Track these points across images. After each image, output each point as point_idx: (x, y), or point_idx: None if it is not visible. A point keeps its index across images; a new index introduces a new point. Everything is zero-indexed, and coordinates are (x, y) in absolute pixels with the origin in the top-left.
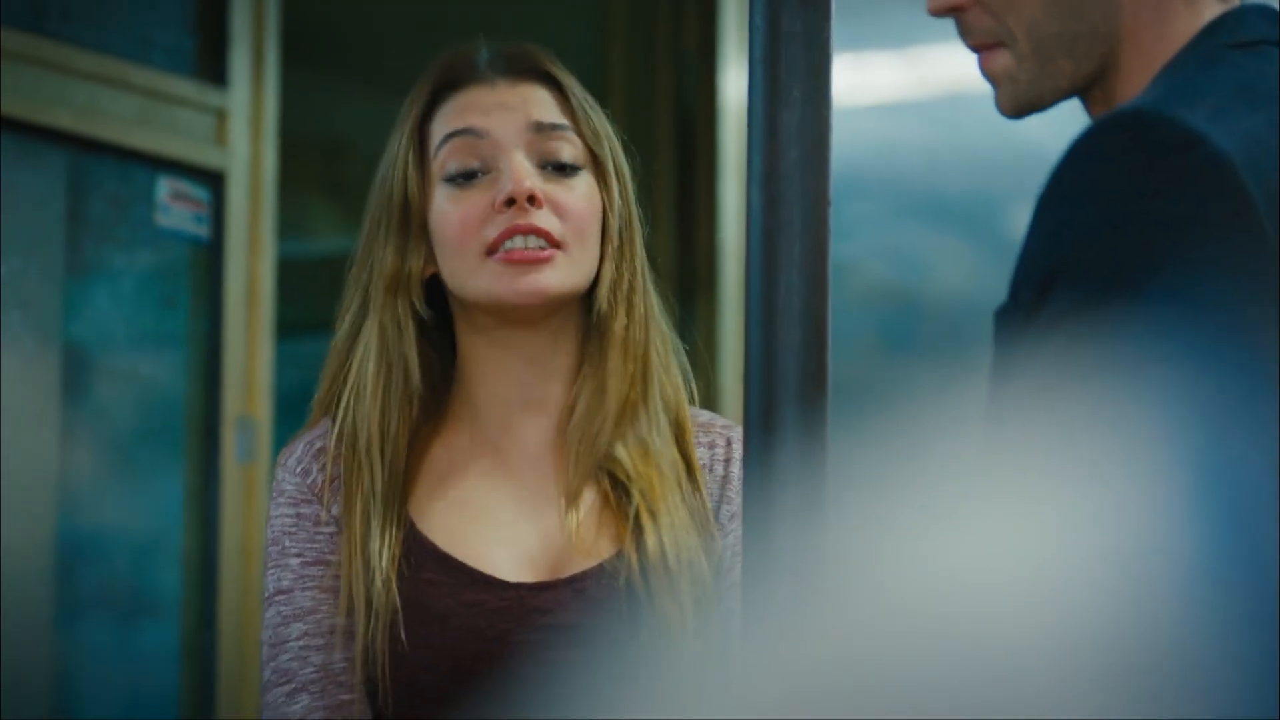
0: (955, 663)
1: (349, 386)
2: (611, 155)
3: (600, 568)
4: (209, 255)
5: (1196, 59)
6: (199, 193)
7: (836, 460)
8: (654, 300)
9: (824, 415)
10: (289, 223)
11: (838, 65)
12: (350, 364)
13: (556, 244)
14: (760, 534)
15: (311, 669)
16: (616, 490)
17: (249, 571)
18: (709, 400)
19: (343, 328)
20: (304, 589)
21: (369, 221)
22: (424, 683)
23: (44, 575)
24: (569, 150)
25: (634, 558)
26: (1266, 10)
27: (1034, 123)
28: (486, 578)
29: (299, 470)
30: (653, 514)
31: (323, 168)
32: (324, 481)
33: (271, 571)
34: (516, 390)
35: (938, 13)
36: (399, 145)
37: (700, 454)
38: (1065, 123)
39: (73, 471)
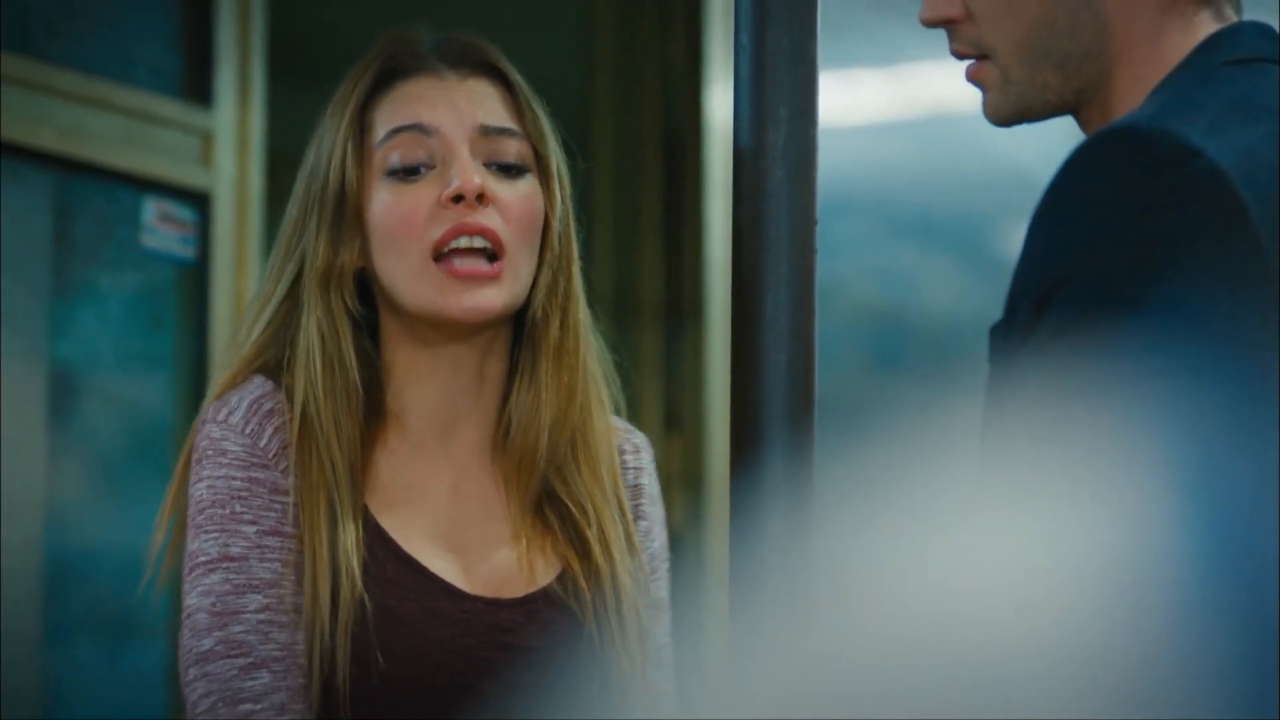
0: (947, 675)
1: (300, 380)
2: (555, 156)
3: (547, 591)
4: (195, 276)
5: (1192, 75)
6: (185, 214)
7: (824, 478)
8: (586, 310)
9: (811, 433)
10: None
11: (824, 84)
12: (296, 352)
13: (501, 248)
14: (747, 551)
15: (274, 646)
16: (560, 509)
17: None
18: (696, 418)
19: (265, 311)
20: (261, 560)
21: (297, 207)
22: (383, 686)
23: (32, 596)
24: (515, 151)
25: (583, 585)
26: (1264, 29)
27: (1022, 142)
28: (447, 586)
29: (247, 431)
30: (602, 539)
31: None
32: (279, 447)
33: (215, 535)
34: (445, 401)
35: (930, 24)
36: (337, 132)
37: (624, 459)
38: (1053, 142)
39: (60, 492)
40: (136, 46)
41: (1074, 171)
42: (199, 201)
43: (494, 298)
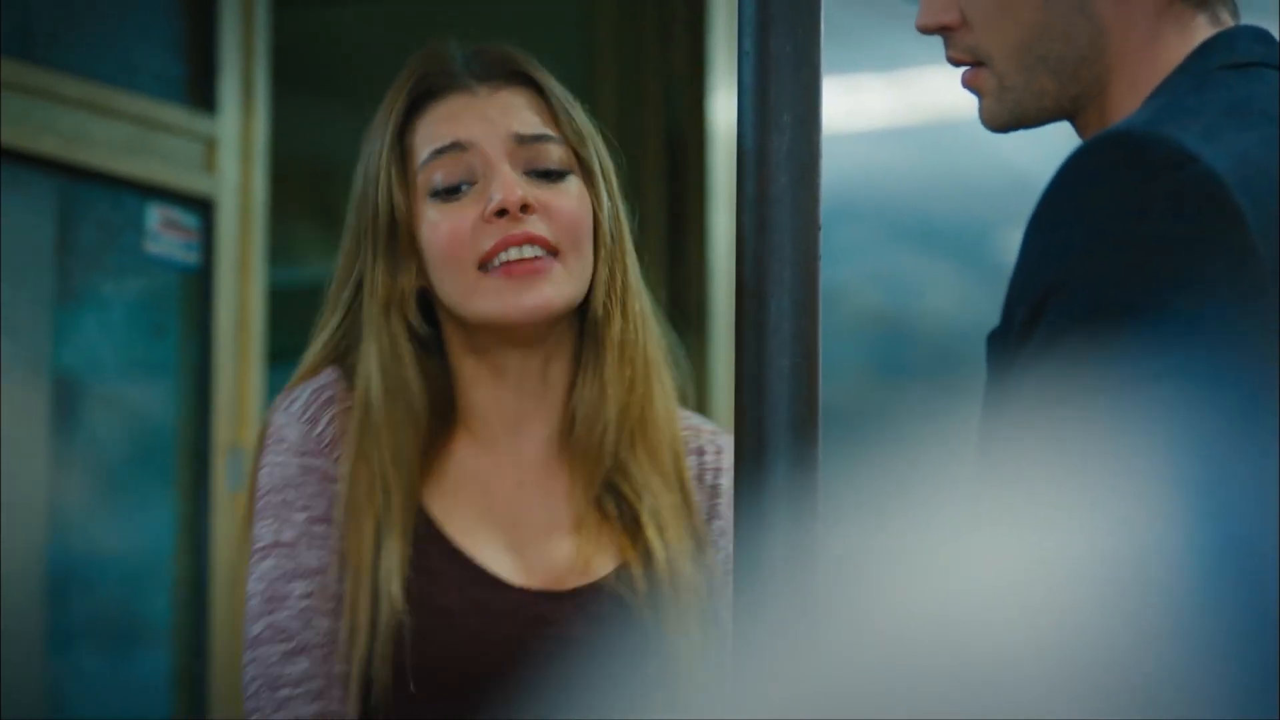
0: (951, 679)
1: (359, 402)
2: (596, 155)
3: (601, 584)
4: (199, 283)
5: (1188, 81)
6: (189, 220)
7: (828, 484)
8: (647, 299)
9: (815, 440)
10: (279, 250)
11: (827, 90)
12: (356, 374)
13: (553, 250)
14: (752, 558)
15: (315, 633)
16: (620, 502)
17: (241, 600)
18: None
19: (320, 344)
20: (309, 547)
21: (351, 238)
22: (421, 674)
23: (35, 604)
24: (554, 156)
25: (639, 575)
26: (1260, 33)
27: (1024, 148)
28: (491, 577)
29: (305, 418)
30: (660, 531)
31: (313, 194)
32: (334, 435)
33: (268, 522)
34: (512, 410)
35: (926, 31)
36: (379, 159)
37: (689, 461)
38: (1054, 148)
39: (63, 500)
40: (140, 53)
41: (1069, 177)
42: (202, 208)
43: (550, 293)
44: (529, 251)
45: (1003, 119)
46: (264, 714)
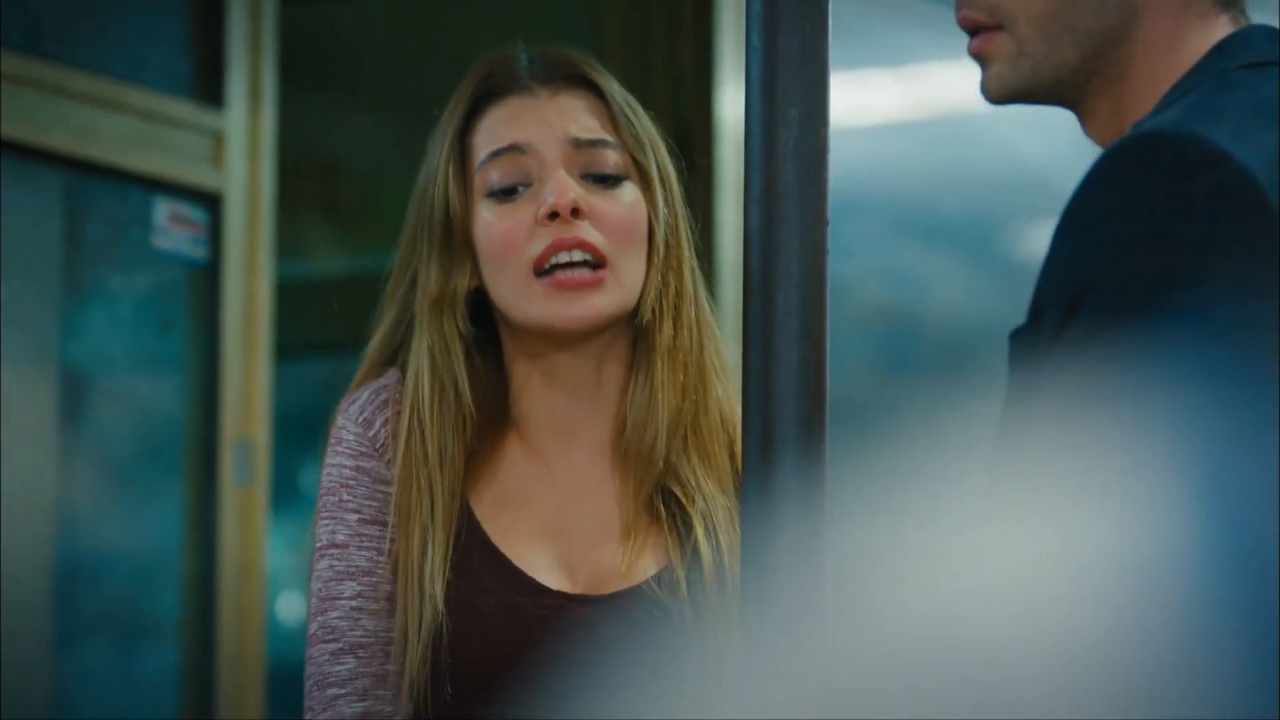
0: (959, 675)
1: (409, 403)
2: (656, 161)
3: (641, 588)
4: (206, 277)
5: (1210, 80)
6: (196, 215)
7: (835, 478)
8: (705, 306)
9: (822, 433)
10: (286, 244)
11: (835, 85)
12: (408, 369)
13: (602, 258)
14: (759, 552)
15: (361, 632)
16: (672, 503)
17: (248, 593)
18: None
19: (378, 337)
20: (360, 548)
21: (409, 235)
22: (456, 677)
23: (42, 598)
24: (611, 161)
25: (682, 581)
26: (1272, 32)
27: (1032, 142)
28: (531, 581)
29: (361, 420)
30: (711, 532)
31: (320, 189)
32: (387, 436)
33: (326, 523)
34: (564, 415)
35: None
36: (439, 159)
37: None
38: (1063, 143)
39: (71, 494)
40: (148, 48)
41: (1103, 176)
42: (210, 202)
43: (600, 304)
44: (578, 255)
45: (1011, 88)
46: (314, 713)
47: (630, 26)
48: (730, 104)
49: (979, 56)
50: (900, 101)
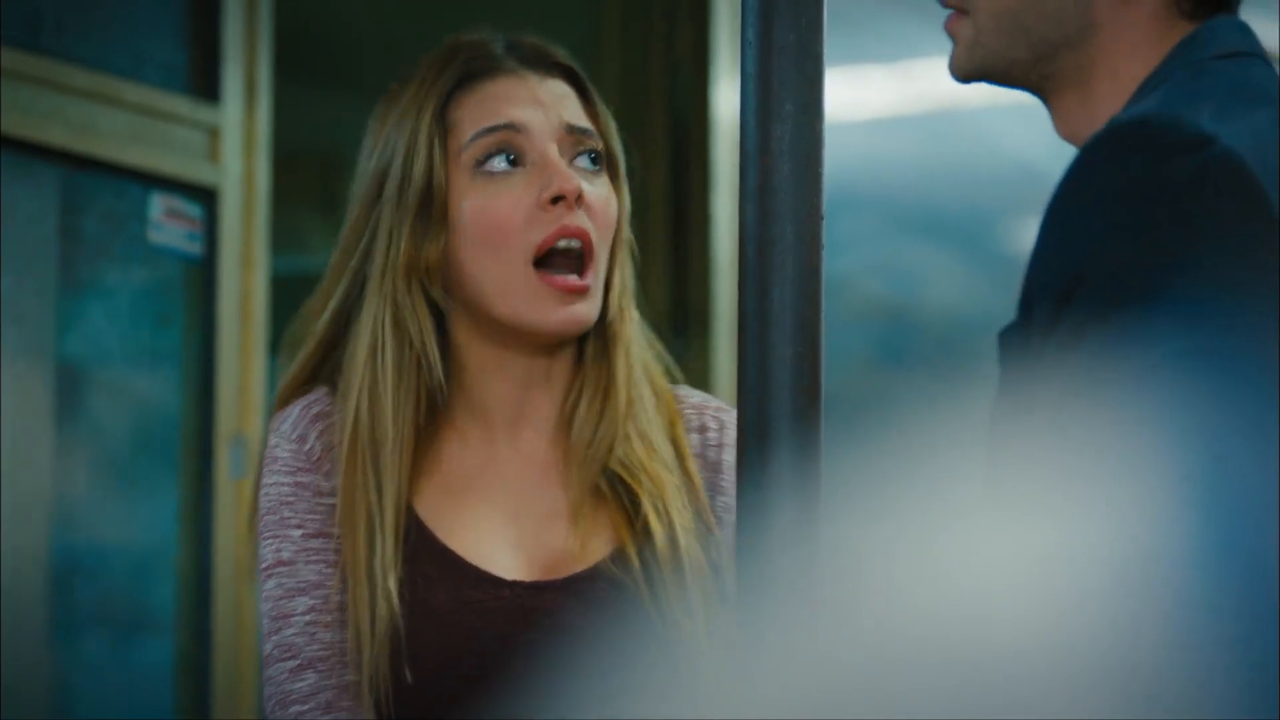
0: (954, 673)
1: (358, 381)
2: (622, 156)
3: (598, 568)
4: (202, 272)
5: (1184, 70)
6: (192, 209)
7: (830, 473)
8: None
9: (818, 429)
10: (282, 239)
11: (831, 79)
12: (354, 351)
13: (590, 250)
14: (755, 547)
15: (319, 646)
16: (617, 486)
17: (244, 587)
18: None
19: (326, 311)
20: (308, 562)
21: (362, 208)
22: (419, 679)
23: (39, 591)
24: (596, 149)
25: (635, 558)
26: (1239, 24)
27: (1029, 137)
28: (484, 574)
29: (294, 436)
30: (660, 513)
31: (316, 183)
32: (322, 450)
33: (269, 542)
34: (515, 402)
35: None
36: (416, 133)
37: (691, 439)
38: (1059, 141)
39: (67, 488)
40: (144, 43)
41: (1087, 166)
42: (206, 197)
43: (585, 311)
44: (575, 245)
45: (968, 72)
46: None
47: (627, 21)
48: (726, 98)
49: (949, 34)
50: (896, 96)
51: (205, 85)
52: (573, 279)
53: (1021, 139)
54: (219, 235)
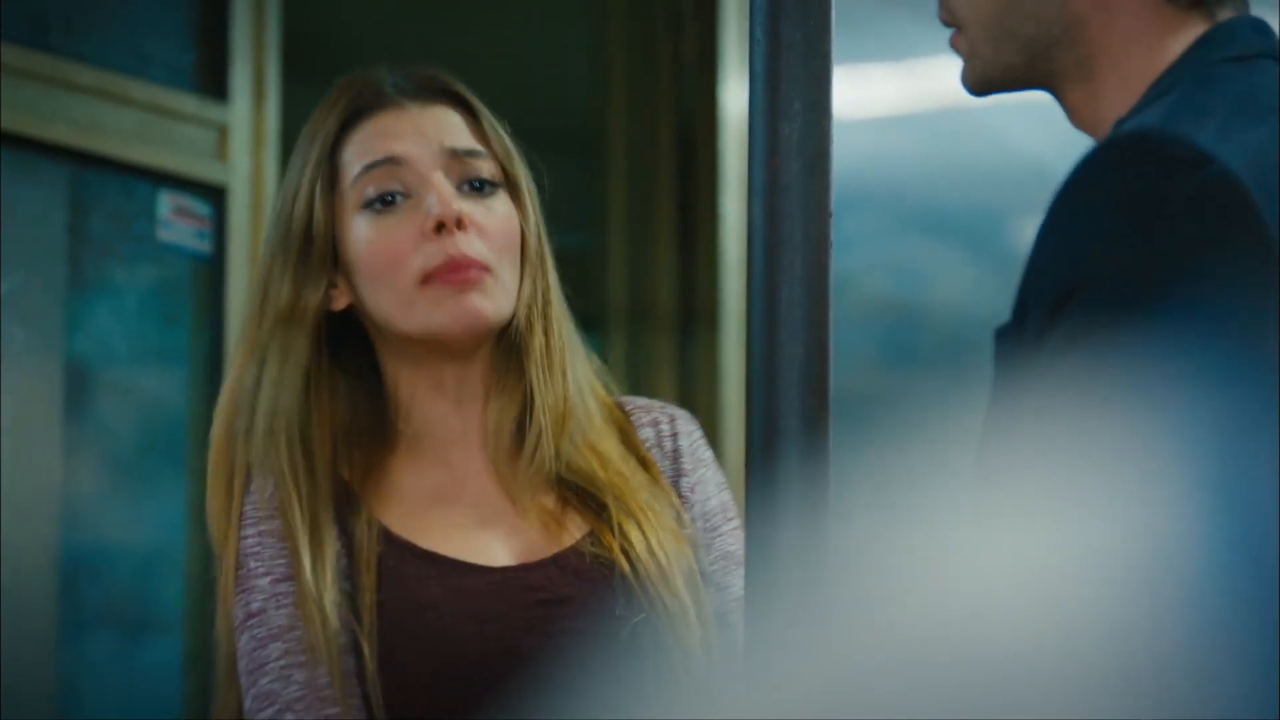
0: (964, 673)
1: (261, 425)
2: (523, 172)
3: (576, 546)
4: (211, 270)
5: (1193, 74)
6: (201, 208)
7: (839, 471)
8: (564, 306)
9: (826, 427)
10: None
11: (838, 78)
12: (260, 396)
13: (485, 269)
14: (763, 545)
15: (296, 687)
16: (578, 492)
17: None
18: (711, 411)
19: (251, 361)
20: (277, 608)
21: (265, 254)
22: (418, 673)
23: (46, 590)
24: (485, 170)
25: (612, 539)
26: (1258, 23)
27: (1036, 135)
28: (471, 565)
29: (254, 488)
30: (628, 514)
31: None
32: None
33: (240, 597)
34: (456, 422)
35: None
36: (304, 175)
37: (645, 434)
38: (1067, 136)
39: (75, 487)
40: (152, 42)
41: (1086, 177)
42: (214, 195)
43: (486, 307)
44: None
45: (974, 84)
46: None
47: (633, 20)
48: (733, 97)
49: (953, 50)
50: (903, 95)
51: (213, 83)
52: (465, 274)
53: (1028, 137)
54: (227, 233)
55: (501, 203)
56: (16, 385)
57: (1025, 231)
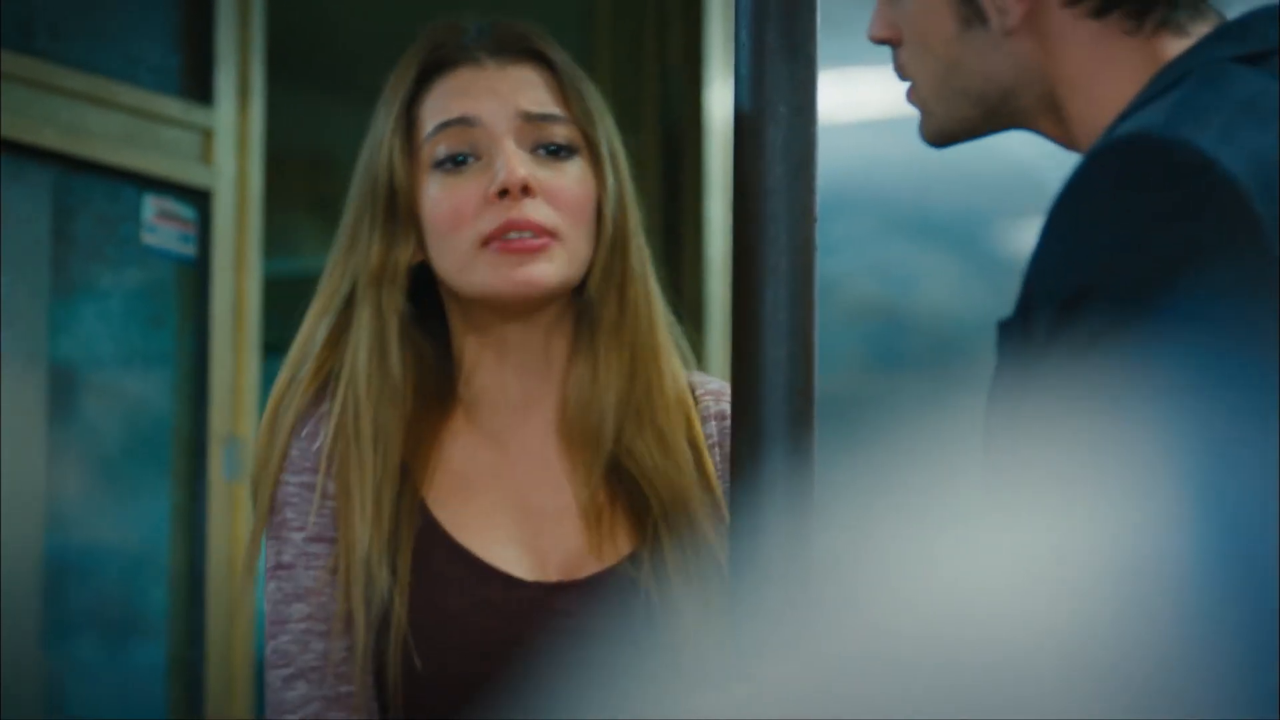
0: (951, 676)
1: (344, 378)
2: (605, 137)
3: (615, 570)
4: (196, 274)
5: (1200, 73)
6: (185, 211)
7: (824, 475)
8: (654, 286)
9: (811, 429)
10: (275, 241)
11: (824, 81)
12: (344, 350)
13: (551, 234)
14: (749, 547)
15: (312, 655)
16: (631, 487)
17: (236, 589)
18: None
19: (328, 312)
20: (306, 567)
21: (353, 208)
22: (435, 681)
23: (32, 593)
24: (561, 135)
25: (649, 561)
26: (1273, 15)
27: (1021, 139)
28: (501, 574)
29: (305, 434)
30: (669, 516)
31: (309, 185)
32: (327, 452)
33: (272, 543)
34: (517, 391)
35: (873, 41)
36: (385, 130)
37: (709, 429)
38: (1052, 143)
39: (60, 490)
40: (137, 45)
41: (1092, 177)
42: (199, 199)
43: (547, 271)
44: (528, 234)
45: (931, 138)
46: None
47: (620, 22)
48: (719, 100)
49: (911, 103)
50: (889, 97)
51: (198, 87)
52: (529, 241)
53: (1014, 141)
54: (212, 237)
55: (576, 168)
56: (1, 388)
57: (1011, 235)
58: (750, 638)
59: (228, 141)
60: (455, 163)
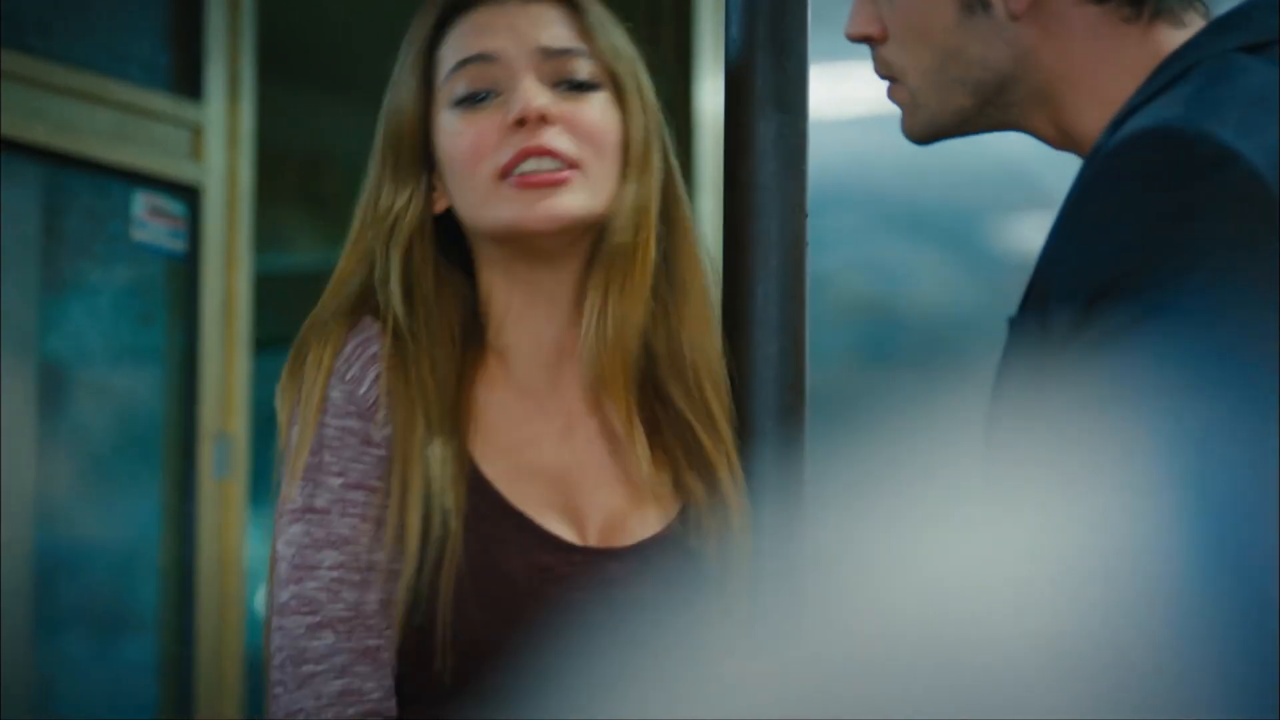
0: (940, 673)
1: (389, 324)
2: (631, 74)
3: (663, 534)
4: (185, 270)
5: (1208, 65)
6: (175, 207)
7: (814, 470)
8: (689, 224)
9: (802, 426)
10: (266, 237)
11: (815, 77)
12: (385, 292)
13: (572, 163)
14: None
15: (342, 605)
16: (666, 439)
17: (227, 586)
18: None
19: (359, 257)
20: (343, 515)
21: (378, 155)
22: (484, 640)
23: (22, 590)
24: (583, 69)
25: (701, 514)
26: (1272, 3)
27: (1013, 136)
28: (555, 540)
29: (349, 377)
30: (708, 468)
31: (299, 181)
32: (377, 395)
33: (304, 484)
34: (549, 338)
35: (852, 39)
36: (405, 72)
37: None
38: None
39: (50, 487)
40: (127, 42)
41: (1113, 172)
42: (189, 195)
43: (570, 203)
44: (548, 164)
45: (918, 134)
46: (288, 688)
47: None
48: (710, 96)
49: (892, 101)
50: (881, 93)
51: (188, 83)
52: (548, 174)
53: (1006, 137)
54: (202, 233)
55: (599, 102)
56: None
57: (1003, 231)
58: (739, 633)
59: (218, 137)
60: (474, 100)
